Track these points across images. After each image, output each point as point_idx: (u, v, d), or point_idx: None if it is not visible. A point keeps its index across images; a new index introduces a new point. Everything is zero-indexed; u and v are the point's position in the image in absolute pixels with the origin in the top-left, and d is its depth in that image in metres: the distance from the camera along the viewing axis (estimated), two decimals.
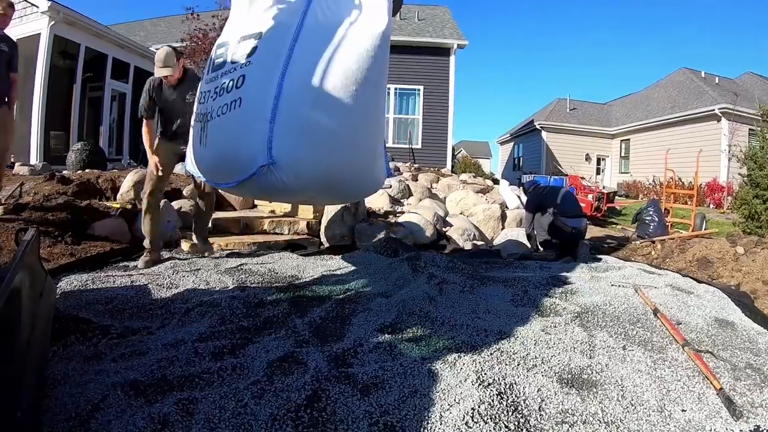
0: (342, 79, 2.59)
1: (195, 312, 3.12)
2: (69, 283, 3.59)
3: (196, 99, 3.12)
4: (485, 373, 2.27)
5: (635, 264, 5.40)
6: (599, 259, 5.61)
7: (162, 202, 4.86)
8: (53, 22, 11.02)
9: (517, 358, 2.55)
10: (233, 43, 2.85)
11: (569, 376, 2.37)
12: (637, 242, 6.92)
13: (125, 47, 13.85)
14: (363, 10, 2.80)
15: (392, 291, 3.76)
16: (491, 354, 2.59)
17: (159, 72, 4.30)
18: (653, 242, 6.56)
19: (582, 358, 2.59)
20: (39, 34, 11.06)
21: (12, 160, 9.89)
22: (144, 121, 4.57)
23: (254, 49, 2.71)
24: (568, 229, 5.87)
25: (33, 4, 11.21)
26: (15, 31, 11.13)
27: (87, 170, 8.39)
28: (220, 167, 2.80)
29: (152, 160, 4.47)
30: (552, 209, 5.91)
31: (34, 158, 10.76)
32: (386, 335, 2.83)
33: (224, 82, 2.74)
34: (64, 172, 7.90)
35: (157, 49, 14.60)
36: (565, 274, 4.51)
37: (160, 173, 4.45)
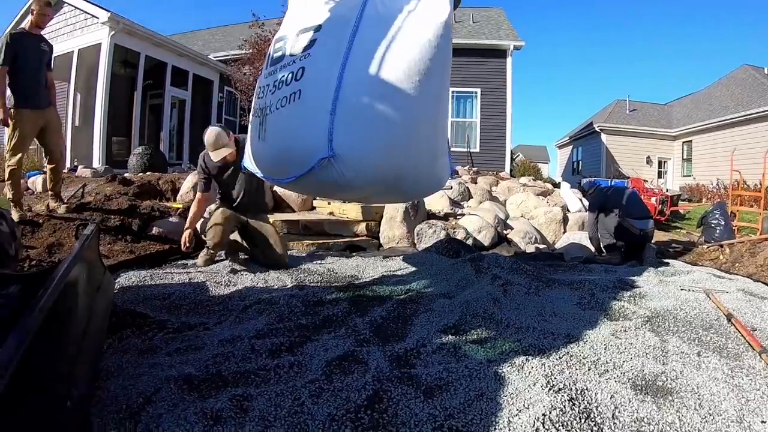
0: (405, 70, 2.48)
1: (252, 309, 3.11)
2: (128, 278, 3.67)
3: (254, 95, 3.08)
4: (555, 378, 2.14)
5: (703, 268, 5.20)
6: (666, 263, 5.40)
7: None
8: (113, 32, 11.41)
9: (587, 363, 2.41)
10: (292, 37, 2.79)
11: (643, 382, 2.22)
12: (704, 246, 6.65)
13: (184, 56, 14.22)
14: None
15: (455, 292, 3.68)
16: (560, 358, 2.46)
17: (216, 156, 4.13)
18: (721, 246, 6.29)
19: (655, 364, 2.43)
20: (100, 44, 11.48)
21: (75, 163, 10.30)
22: (198, 194, 4.49)
23: (313, 41, 2.64)
24: (635, 231, 5.67)
25: (93, 15, 11.68)
26: (77, 41, 11.73)
27: (148, 173, 8.61)
28: (279, 161, 2.74)
29: (186, 234, 4.40)
30: (618, 210, 5.73)
31: (97, 162, 11.16)
32: (450, 336, 2.74)
33: (283, 75, 2.68)
34: (126, 174, 8.13)
35: (224, 60, 14.63)
36: (632, 277, 4.34)
37: (184, 249, 4.42)
